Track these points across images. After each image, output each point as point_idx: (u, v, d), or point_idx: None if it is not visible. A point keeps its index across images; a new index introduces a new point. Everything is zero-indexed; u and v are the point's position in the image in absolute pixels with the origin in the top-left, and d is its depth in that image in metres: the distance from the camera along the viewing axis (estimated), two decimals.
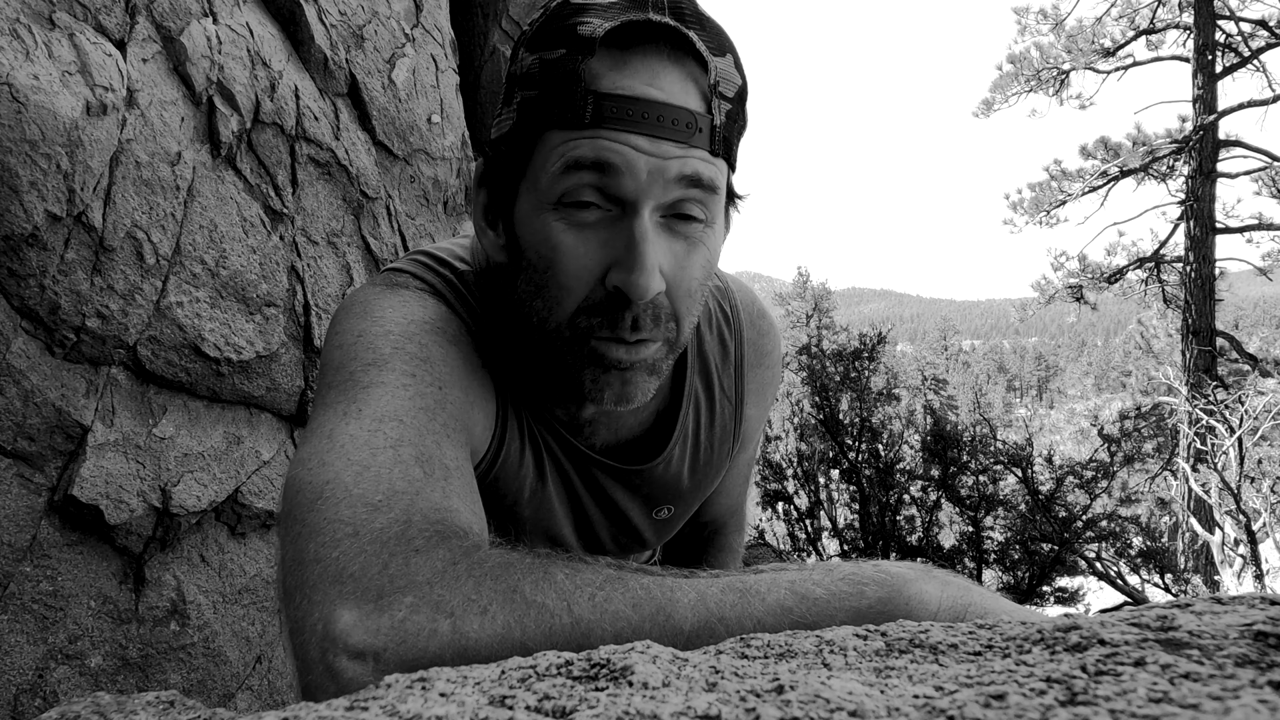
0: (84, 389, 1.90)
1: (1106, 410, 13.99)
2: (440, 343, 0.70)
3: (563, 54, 0.63)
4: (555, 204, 0.66)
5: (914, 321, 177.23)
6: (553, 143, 0.64)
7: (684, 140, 0.64)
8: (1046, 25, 13.93)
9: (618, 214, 0.66)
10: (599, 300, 0.67)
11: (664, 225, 0.67)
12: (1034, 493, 7.89)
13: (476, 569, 0.50)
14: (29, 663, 1.78)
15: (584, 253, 0.66)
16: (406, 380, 0.64)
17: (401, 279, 0.77)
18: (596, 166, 0.63)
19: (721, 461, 0.99)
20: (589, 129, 0.63)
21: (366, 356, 0.65)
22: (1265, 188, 12.53)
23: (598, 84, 0.62)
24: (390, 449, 0.57)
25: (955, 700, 0.31)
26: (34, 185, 1.70)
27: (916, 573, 0.54)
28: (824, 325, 9.50)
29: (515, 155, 0.69)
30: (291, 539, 0.53)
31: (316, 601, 0.48)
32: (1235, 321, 17.69)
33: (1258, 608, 0.40)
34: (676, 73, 0.64)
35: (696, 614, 0.50)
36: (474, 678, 0.39)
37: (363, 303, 0.73)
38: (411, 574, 0.48)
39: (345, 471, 0.55)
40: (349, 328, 0.70)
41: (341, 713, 0.35)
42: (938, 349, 47.74)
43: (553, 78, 0.63)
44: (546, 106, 0.64)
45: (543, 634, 0.48)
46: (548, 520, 0.87)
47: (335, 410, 0.61)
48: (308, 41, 2.60)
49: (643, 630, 0.49)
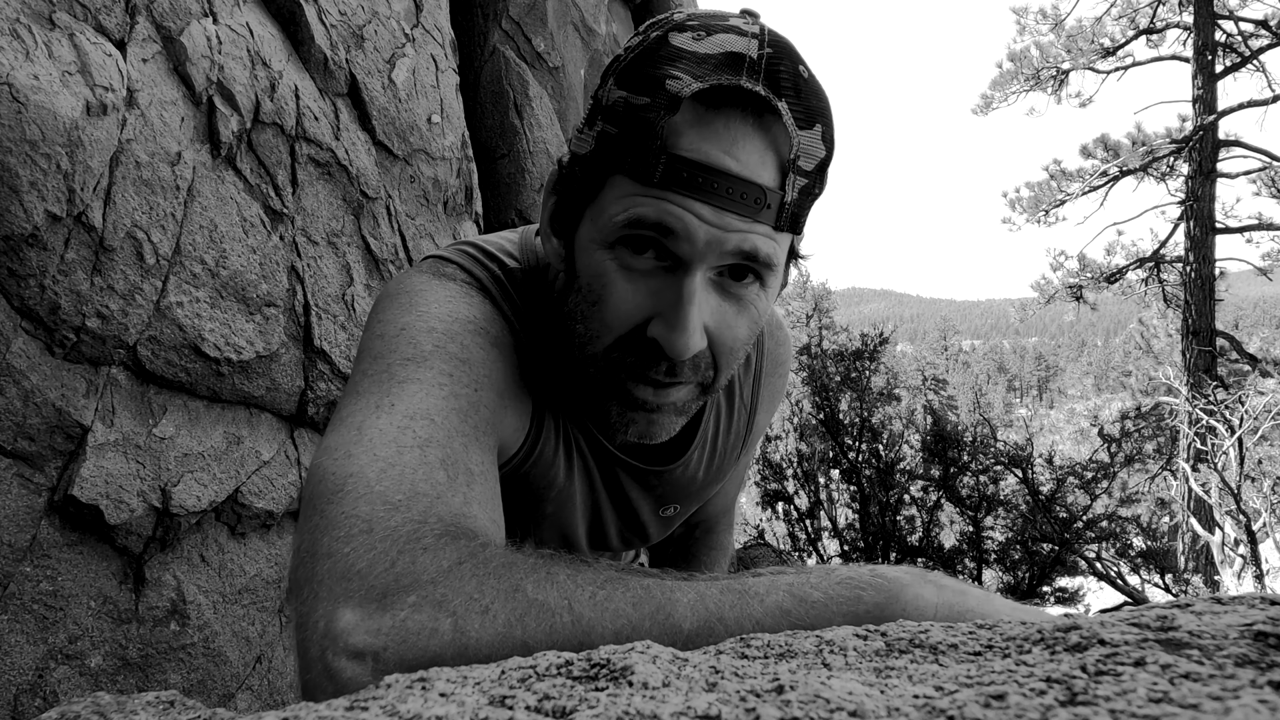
0: (84, 389, 1.90)
1: (1106, 410, 13.99)
2: (482, 344, 0.70)
3: (646, 103, 0.62)
4: (613, 245, 0.67)
5: (914, 321, 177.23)
6: (621, 189, 0.65)
7: (749, 215, 0.63)
8: (1046, 25, 13.93)
9: (670, 267, 0.66)
10: (636, 342, 0.68)
11: (716, 283, 0.68)
12: (1034, 493, 7.89)
13: (480, 567, 0.50)
14: (29, 663, 1.78)
15: (630, 298, 0.67)
16: (443, 380, 0.64)
17: (449, 270, 0.76)
18: (657, 227, 0.64)
19: (729, 464, 1.01)
20: (656, 188, 0.63)
21: (407, 351, 0.65)
22: (1265, 188, 12.54)
23: (674, 143, 0.62)
24: (417, 449, 0.57)
25: (955, 700, 0.31)
26: (34, 185, 1.70)
27: (913, 577, 0.54)
28: (824, 325, 9.50)
29: (586, 182, 0.69)
30: (308, 530, 0.53)
31: (322, 597, 0.48)
32: (1235, 321, 17.69)
33: (1258, 608, 0.40)
34: (758, 142, 0.63)
35: (696, 613, 0.50)
36: (474, 678, 0.39)
37: (409, 292, 0.72)
38: (417, 572, 0.48)
39: (370, 467, 0.54)
40: (392, 318, 0.69)
41: (341, 713, 0.35)
42: (938, 349, 47.74)
43: (633, 125, 0.63)
44: (621, 151, 0.64)
45: (544, 632, 0.48)
46: (566, 517, 0.88)
47: (367, 401, 0.61)
48: (308, 41, 2.60)
49: (643, 628, 0.49)
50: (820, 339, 9.16)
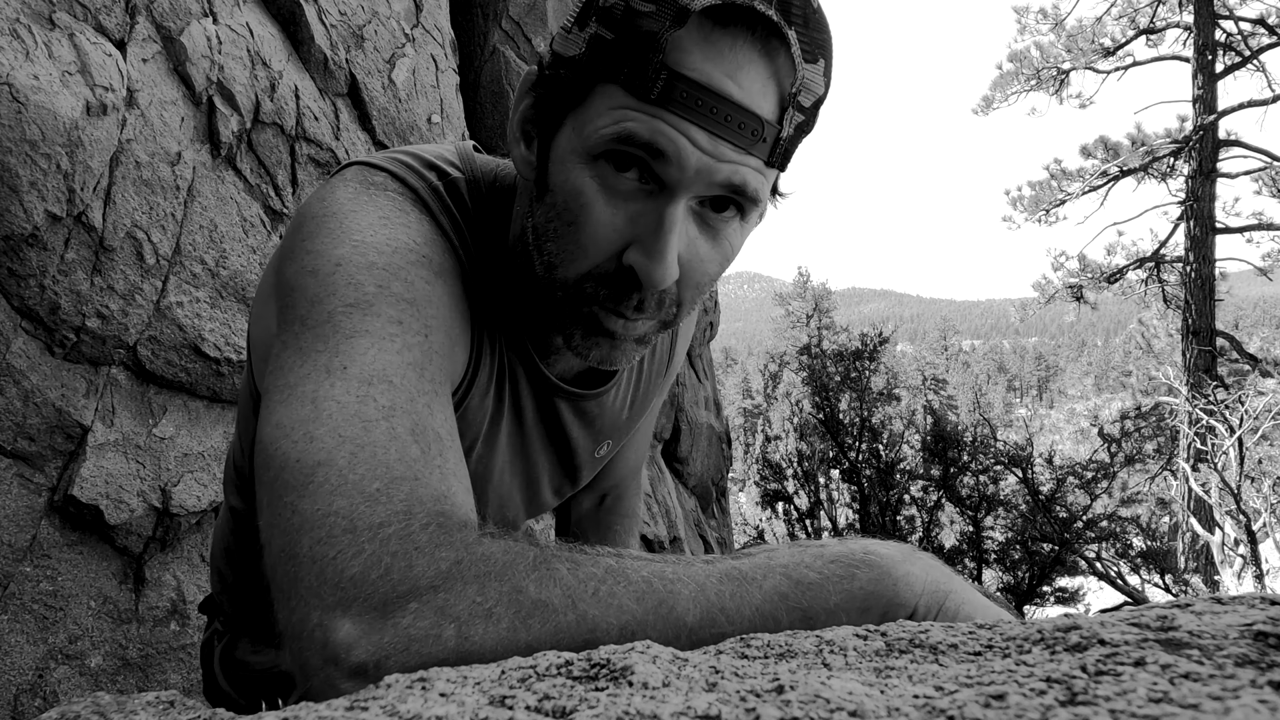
0: (84, 389, 1.90)
1: (1106, 410, 14.00)
2: (428, 278, 0.64)
3: (651, 11, 0.59)
4: (595, 158, 0.63)
5: (914, 321, 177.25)
6: (611, 99, 0.61)
7: (744, 146, 0.61)
8: (1046, 25, 13.94)
9: (653, 190, 0.63)
10: (610, 271, 0.66)
11: (695, 211, 0.66)
12: (1034, 493, 7.89)
13: (480, 567, 0.48)
14: (29, 663, 1.78)
15: (609, 221, 0.64)
16: (393, 329, 0.59)
17: (379, 178, 0.70)
18: (647, 147, 0.60)
19: (649, 398, 1.00)
20: (652, 104, 0.59)
21: (348, 294, 0.59)
22: (1265, 187, 12.54)
23: (676, 59, 0.59)
24: (383, 420, 0.54)
25: (955, 700, 0.31)
26: (34, 185, 1.70)
27: (903, 554, 0.55)
28: (824, 325, 9.51)
29: (572, 86, 0.64)
30: (282, 528, 0.50)
31: (314, 605, 0.47)
32: (1235, 321, 17.69)
33: (1258, 608, 0.40)
34: (762, 69, 0.60)
35: (698, 605, 0.50)
36: (474, 678, 0.39)
37: (337, 214, 0.65)
38: (415, 578, 0.47)
39: (338, 452, 0.51)
40: (324, 250, 0.62)
41: (341, 713, 0.35)
42: (938, 349, 47.74)
43: (632, 32, 0.59)
44: (617, 59, 0.60)
45: (549, 633, 0.47)
46: (488, 472, 0.83)
47: (315, 363, 0.56)
48: (308, 41, 2.60)
49: (647, 623, 0.48)
50: (820, 339, 9.17)
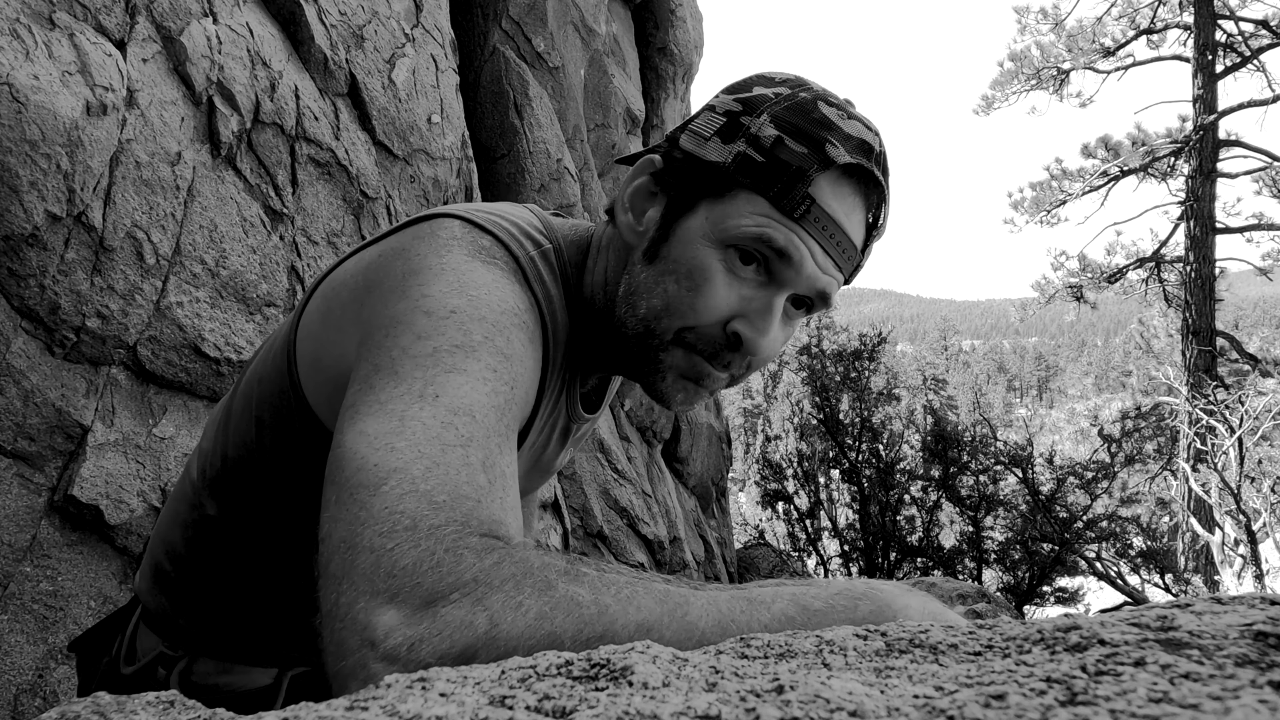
0: (84, 389, 1.90)
1: (1106, 410, 14.00)
2: (523, 340, 0.73)
3: (804, 154, 0.75)
4: (727, 245, 0.77)
5: (914, 321, 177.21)
6: (754, 206, 0.76)
7: (839, 266, 0.80)
8: (1047, 24, 13.94)
9: (764, 281, 0.79)
10: (714, 334, 0.80)
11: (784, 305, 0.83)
12: (1034, 493, 7.89)
13: (517, 566, 0.52)
14: (29, 663, 1.78)
15: (725, 296, 0.78)
16: (489, 375, 0.65)
17: (487, 242, 0.78)
18: (779, 251, 0.76)
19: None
20: (793, 221, 0.76)
21: (456, 337, 0.66)
22: (1265, 187, 12.54)
23: (817, 194, 0.76)
24: (460, 447, 0.58)
25: (955, 700, 0.31)
26: (34, 185, 1.70)
27: (902, 590, 0.61)
28: (824, 325, 9.50)
29: (712, 183, 0.78)
30: (347, 520, 0.54)
31: (364, 590, 0.50)
32: (1235, 321, 17.70)
33: (1258, 608, 0.40)
34: (862, 212, 0.80)
35: (710, 615, 0.54)
36: (474, 678, 0.39)
37: (455, 270, 0.72)
38: (460, 571, 0.50)
39: (415, 464, 0.56)
40: (440, 296, 0.69)
41: (341, 713, 0.35)
42: (938, 349, 47.75)
43: (786, 166, 0.75)
44: (768, 180, 0.76)
45: (572, 623, 0.50)
46: None
47: (409, 387, 0.61)
48: (308, 41, 2.60)
49: (663, 623, 0.52)
50: (820, 339, 9.16)
